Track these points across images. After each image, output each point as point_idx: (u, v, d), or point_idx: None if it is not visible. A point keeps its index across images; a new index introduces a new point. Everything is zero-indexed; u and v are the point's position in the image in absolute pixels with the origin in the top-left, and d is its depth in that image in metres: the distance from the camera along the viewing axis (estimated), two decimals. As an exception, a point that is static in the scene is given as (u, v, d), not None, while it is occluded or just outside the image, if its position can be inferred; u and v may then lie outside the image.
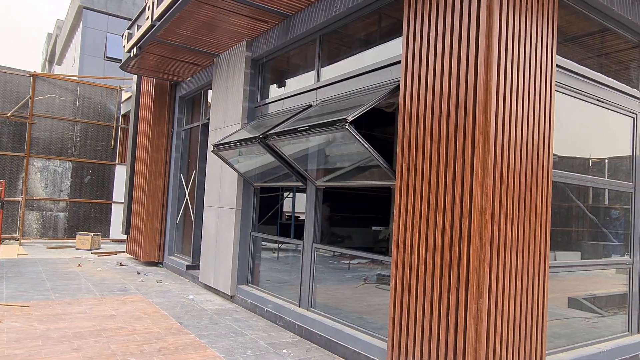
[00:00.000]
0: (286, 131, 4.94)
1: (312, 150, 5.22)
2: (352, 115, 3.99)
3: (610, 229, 5.19)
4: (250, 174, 6.61)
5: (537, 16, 3.74)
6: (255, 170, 6.58)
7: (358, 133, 4.03)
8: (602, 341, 4.63)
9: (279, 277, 6.43)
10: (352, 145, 4.37)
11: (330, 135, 4.50)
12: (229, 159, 6.60)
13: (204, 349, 4.60)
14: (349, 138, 4.19)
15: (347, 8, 4.97)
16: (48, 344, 4.47)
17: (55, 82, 13.50)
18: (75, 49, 23.01)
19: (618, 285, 5.12)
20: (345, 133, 4.10)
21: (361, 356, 4.37)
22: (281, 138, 5.08)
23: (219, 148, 6.48)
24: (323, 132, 4.43)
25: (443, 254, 3.51)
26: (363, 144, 4.08)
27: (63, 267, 9.02)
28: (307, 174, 5.37)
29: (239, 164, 6.57)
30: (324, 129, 4.31)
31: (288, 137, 5.00)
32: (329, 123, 4.19)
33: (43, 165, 13.15)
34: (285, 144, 5.23)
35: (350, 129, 3.99)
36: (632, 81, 5.21)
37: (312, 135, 4.63)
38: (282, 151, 5.32)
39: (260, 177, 6.58)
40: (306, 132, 4.61)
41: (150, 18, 6.64)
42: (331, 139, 4.64)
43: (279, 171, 6.02)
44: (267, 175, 6.46)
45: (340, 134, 4.28)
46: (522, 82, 3.61)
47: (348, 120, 3.97)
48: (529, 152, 3.65)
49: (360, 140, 4.06)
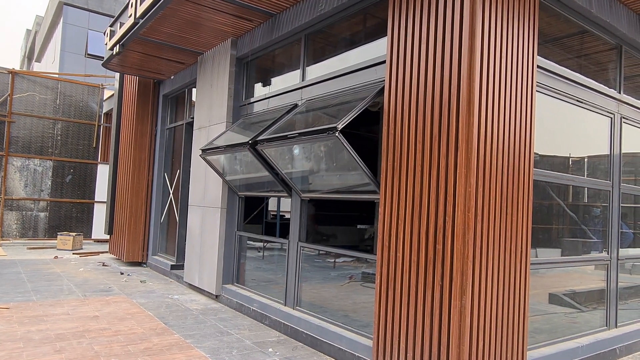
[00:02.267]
0: (275, 137, 4.96)
1: (299, 158, 5.22)
2: (341, 124, 4.04)
3: (589, 227, 5.31)
4: (235, 182, 6.59)
5: (519, 17, 3.81)
6: (240, 180, 6.56)
7: (347, 142, 4.08)
8: (581, 336, 4.74)
9: (265, 276, 6.43)
10: (339, 153, 4.41)
11: (318, 143, 4.54)
12: (215, 165, 6.56)
13: (190, 349, 4.58)
14: (337, 145, 4.22)
15: (333, 8, 4.98)
16: (29, 346, 4.40)
17: (35, 80, 13.24)
18: (55, 46, 22.57)
19: (597, 281, 5.24)
20: (335, 141, 4.14)
21: (347, 354, 4.40)
22: (270, 144, 5.09)
23: (208, 152, 6.44)
24: (313, 140, 4.46)
25: (427, 252, 3.55)
26: (350, 152, 4.13)
27: (44, 267, 8.87)
28: (293, 183, 5.36)
29: (224, 170, 6.54)
30: (314, 136, 4.34)
31: (277, 144, 5.02)
32: (319, 131, 4.23)
33: (22, 165, 12.89)
34: (274, 151, 5.23)
35: (340, 137, 4.03)
36: (610, 82, 5.34)
37: (301, 142, 4.66)
38: (271, 158, 5.31)
39: (245, 187, 6.55)
40: (295, 139, 4.64)
41: (133, 15, 6.57)
42: (318, 147, 4.66)
43: (265, 180, 6.02)
44: (253, 185, 6.43)
45: (329, 142, 4.31)
46: (504, 83, 3.67)
47: (338, 128, 4.02)
48: (510, 152, 3.72)
49: (348, 149, 4.11)
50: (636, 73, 5.79)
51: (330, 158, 4.73)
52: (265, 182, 6.04)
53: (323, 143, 4.48)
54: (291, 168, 5.35)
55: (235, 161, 6.27)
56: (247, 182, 6.45)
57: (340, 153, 4.36)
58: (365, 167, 4.18)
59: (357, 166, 4.22)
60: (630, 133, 5.50)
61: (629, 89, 5.59)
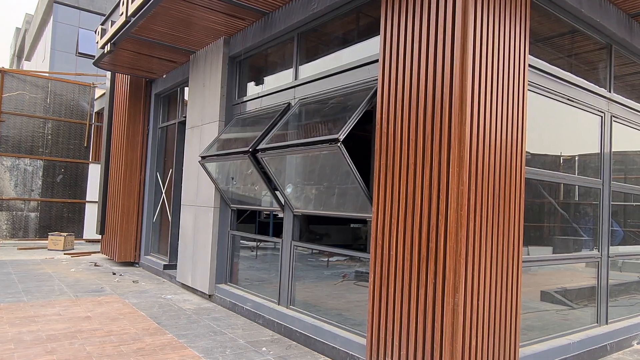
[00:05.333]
0: (276, 147, 5.04)
1: (295, 169, 5.23)
2: (342, 134, 4.11)
3: (580, 224, 5.36)
4: (228, 194, 6.59)
5: (510, 17, 3.83)
6: (232, 193, 6.56)
7: (347, 153, 4.14)
8: (572, 333, 4.79)
9: (258, 276, 6.42)
10: (336, 162, 4.44)
11: (317, 153, 4.61)
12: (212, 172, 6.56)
13: (183, 348, 4.56)
14: (337, 156, 4.26)
15: (325, 7, 4.98)
16: (20, 347, 4.36)
17: (25, 79, 13.12)
18: (45, 45, 22.35)
19: (588, 278, 5.30)
20: (336, 151, 4.19)
21: (340, 352, 4.41)
22: (271, 153, 5.15)
23: (207, 159, 6.43)
24: (314, 150, 4.55)
25: (420, 250, 3.57)
26: (349, 164, 4.18)
27: (35, 268, 8.79)
28: (286, 196, 5.36)
29: (219, 179, 6.54)
30: (316, 146, 4.44)
31: (277, 153, 5.09)
32: (321, 141, 4.31)
33: (13, 164, 12.77)
34: (272, 160, 5.27)
35: (341, 147, 4.10)
36: (600, 81, 5.39)
37: (302, 152, 4.75)
38: (269, 167, 5.33)
39: (238, 198, 6.54)
40: (296, 148, 4.73)
41: (125, 14, 6.52)
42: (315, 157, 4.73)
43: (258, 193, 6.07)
44: (246, 197, 6.43)
45: (330, 152, 4.37)
46: (495, 81, 3.70)
47: (340, 139, 4.09)
48: (502, 150, 3.74)
49: (347, 161, 4.16)
50: (626, 72, 5.85)
51: (326, 168, 4.74)
52: (259, 195, 6.07)
53: (322, 153, 4.54)
54: (287, 178, 5.35)
55: (230, 170, 6.28)
56: (240, 193, 6.46)
57: (338, 162, 4.38)
58: (360, 179, 4.22)
59: (352, 178, 4.26)
60: (620, 131, 5.56)
61: (619, 88, 5.64)
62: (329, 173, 4.72)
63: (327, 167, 4.71)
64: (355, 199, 4.48)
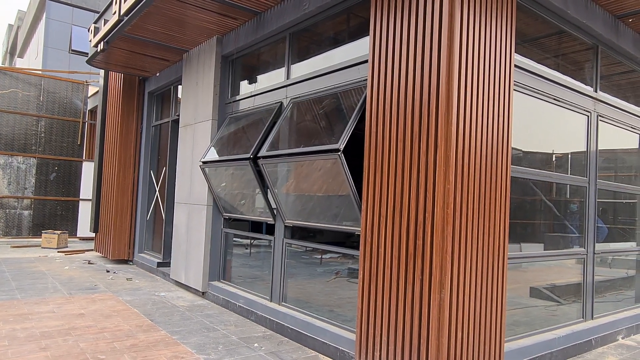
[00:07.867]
0: (277, 155, 5.16)
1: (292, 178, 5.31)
2: (342, 143, 4.24)
3: (570, 222, 5.46)
4: (222, 202, 6.64)
5: (497, 18, 3.91)
6: (224, 201, 6.61)
7: (346, 164, 4.25)
8: (558, 327, 4.89)
9: (251, 273, 6.48)
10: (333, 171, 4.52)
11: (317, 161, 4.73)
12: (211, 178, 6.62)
13: (176, 345, 4.62)
14: (335, 165, 4.35)
15: (317, 7, 5.04)
16: (14, 344, 4.40)
17: (17, 76, 13.07)
18: (38, 42, 22.22)
19: (576, 274, 5.40)
20: (335, 161, 4.30)
21: (331, 347, 4.49)
22: (272, 160, 5.25)
23: (208, 164, 6.49)
24: (314, 158, 4.68)
25: (408, 247, 3.64)
26: (345, 174, 4.27)
27: (29, 266, 8.81)
28: (280, 206, 5.41)
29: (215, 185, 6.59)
30: (317, 155, 4.59)
31: (278, 160, 5.20)
32: (322, 151, 4.46)
33: (5, 162, 12.74)
34: (272, 167, 5.35)
35: (341, 158, 4.22)
36: (586, 81, 5.48)
37: (302, 160, 4.88)
38: (268, 174, 5.40)
39: (231, 207, 6.58)
40: (297, 156, 4.88)
41: (118, 12, 6.54)
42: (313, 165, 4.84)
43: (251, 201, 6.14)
44: (239, 205, 6.48)
45: (329, 161, 4.47)
46: (482, 82, 3.77)
47: (340, 149, 4.21)
48: (488, 149, 3.82)
49: (344, 170, 4.26)
50: (612, 72, 5.95)
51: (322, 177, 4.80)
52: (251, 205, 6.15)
53: (320, 161, 4.65)
54: (283, 187, 5.41)
55: (225, 175, 6.32)
56: (232, 202, 6.51)
57: (335, 171, 4.45)
58: (354, 190, 4.30)
59: (347, 188, 4.34)
60: (606, 131, 5.66)
61: (605, 88, 5.74)
62: (324, 182, 4.81)
63: (323, 176, 4.77)
64: (348, 212, 4.53)
